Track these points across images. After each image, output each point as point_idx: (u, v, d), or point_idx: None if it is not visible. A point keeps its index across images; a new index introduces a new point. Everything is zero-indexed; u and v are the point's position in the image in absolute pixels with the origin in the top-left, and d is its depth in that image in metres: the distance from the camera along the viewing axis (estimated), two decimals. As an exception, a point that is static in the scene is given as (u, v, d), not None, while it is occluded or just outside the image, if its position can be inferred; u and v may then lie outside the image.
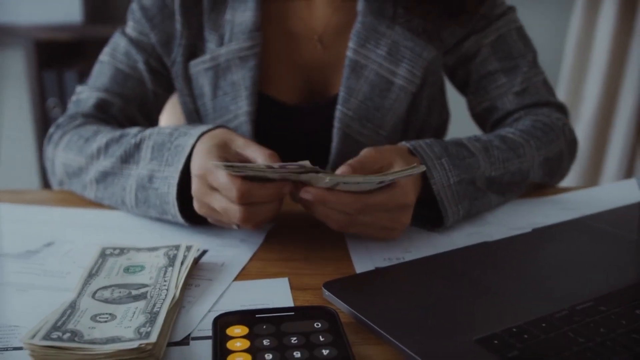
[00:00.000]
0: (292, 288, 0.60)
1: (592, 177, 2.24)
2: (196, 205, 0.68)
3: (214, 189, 0.65)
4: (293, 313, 0.52)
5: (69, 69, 2.05)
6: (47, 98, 2.05)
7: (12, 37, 2.05)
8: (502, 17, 0.92)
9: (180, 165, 0.70)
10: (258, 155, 0.65)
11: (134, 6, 0.95)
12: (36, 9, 1.98)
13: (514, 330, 0.49)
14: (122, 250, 0.65)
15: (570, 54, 2.18)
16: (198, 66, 0.92)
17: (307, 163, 0.60)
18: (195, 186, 0.67)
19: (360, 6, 0.88)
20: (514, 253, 0.66)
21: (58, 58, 2.10)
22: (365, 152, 0.67)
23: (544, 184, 0.89)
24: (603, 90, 2.16)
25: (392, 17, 0.88)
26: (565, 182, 0.93)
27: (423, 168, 0.63)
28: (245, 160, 0.67)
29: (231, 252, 0.68)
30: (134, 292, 0.56)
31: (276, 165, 0.60)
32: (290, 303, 0.57)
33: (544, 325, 0.50)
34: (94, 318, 0.51)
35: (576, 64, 2.20)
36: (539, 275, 0.60)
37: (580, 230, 0.72)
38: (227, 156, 0.66)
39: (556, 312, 0.52)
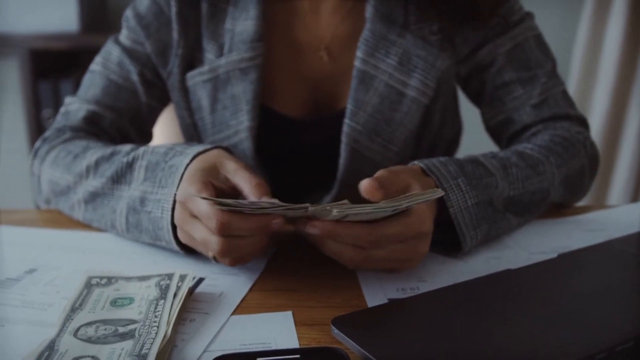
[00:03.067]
0: (296, 323, 0.54)
1: (600, 193, 2.18)
2: (180, 234, 0.63)
3: (195, 217, 0.59)
4: (299, 356, 0.46)
5: (65, 79, 2.00)
6: (42, 109, 2.00)
7: (6, 46, 2.00)
8: (519, 24, 0.86)
9: (174, 188, 0.64)
10: (244, 185, 0.60)
11: (129, 13, 0.89)
12: (32, 17, 1.93)
13: (549, 377, 0.43)
14: (110, 280, 0.59)
15: (578, 64, 2.13)
16: (195, 78, 0.86)
17: (276, 201, 0.55)
18: (177, 214, 0.62)
19: (368, 12, 0.83)
20: (541, 282, 0.60)
21: (54, 68, 2.05)
22: (381, 173, 0.61)
23: (565, 203, 0.83)
24: (612, 102, 2.11)
25: (403, 25, 0.83)
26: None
27: (441, 193, 0.57)
28: (234, 186, 0.61)
29: (229, 281, 0.62)
30: (120, 330, 0.51)
31: (246, 202, 0.55)
32: (294, 341, 0.51)
33: (581, 370, 0.44)
34: (74, 362, 0.46)
35: (584, 74, 2.15)
36: (570, 309, 0.54)
37: (611, 255, 0.66)
38: (215, 181, 0.61)
39: (594, 354, 0.46)
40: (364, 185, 0.57)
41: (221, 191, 0.61)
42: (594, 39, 2.11)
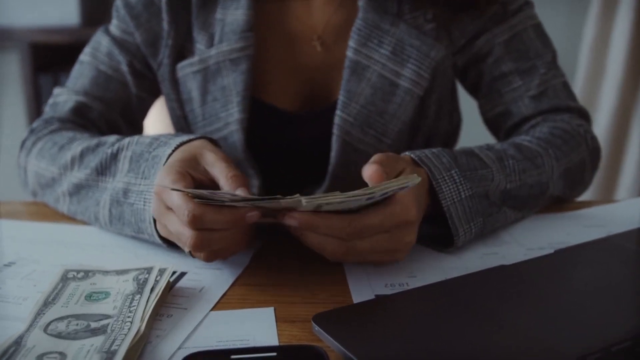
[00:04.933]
0: (277, 320, 0.52)
1: (608, 189, 2.15)
2: (158, 227, 0.60)
3: (170, 209, 0.57)
4: (275, 354, 0.44)
5: (65, 72, 1.97)
6: (42, 102, 1.98)
7: (7, 40, 1.99)
8: (518, 13, 0.83)
9: (156, 179, 0.62)
10: (221, 177, 0.58)
11: (119, 3, 0.87)
12: (32, 11, 1.91)
13: (539, 378, 0.41)
14: (87, 274, 0.57)
15: (585, 60, 2.09)
16: (186, 69, 0.84)
17: (241, 191, 0.54)
18: (154, 205, 0.59)
19: (361, 1, 0.80)
20: (536, 279, 0.57)
21: (54, 61, 2.03)
22: (380, 156, 0.59)
23: (564, 197, 0.80)
24: (619, 97, 2.07)
25: (396, 14, 0.80)
26: (581, 195, 0.85)
27: (418, 179, 0.54)
28: (212, 178, 0.59)
29: (212, 276, 0.60)
30: (93, 325, 0.49)
31: (218, 193, 0.52)
32: (274, 339, 0.49)
33: (574, 371, 0.42)
34: (40, 358, 0.44)
35: (591, 69, 2.11)
36: (565, 307, 0.52)
37: (610, 251, 0.63)
38: (194, 173, 0.59)
39: (588, 355, 0.44)
40: (369, 171, 0.55)
41: (200, 183, 0.59)
42: (601, 33, 2.07)
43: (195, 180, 0.58)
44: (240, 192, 0.55)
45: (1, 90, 2.16)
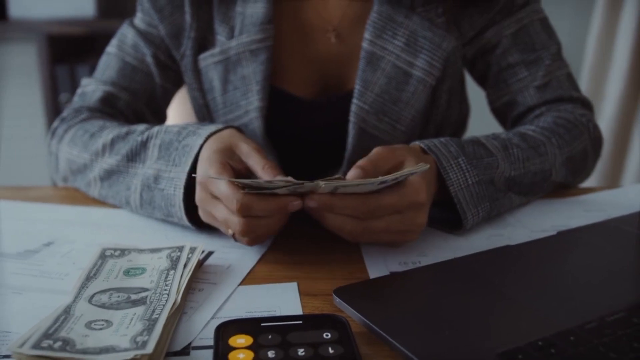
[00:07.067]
0: (301, 293, 0.56)
1: (614, 177, 2.18)
2: (201, 213, 0.65)
3: (216, 197, 0.61)
4: (301, 322, 0.48)
5: (81, 63, 2.03)
6: (59, 93, 2.03)
7: (24, 32, 2.03)
8: (525, 6, 0.87)
9: (187, 167, 0.67)
10: (257, 168, 0.62)
11: (143, -4, 0.91)
12: (49, 3, 1.95)
13: (540, 343, 0.45)
14: (123, 252, 0.62)
15: (592, 52, 2.12)
16: (207, 60, 0.88)
17: (289, 178, 0.58)
18: (198, 194, 0.64)
19: (375, -6, 0.84)
20: (538, 258, 0.62)
21: (71, 53, 2.08)
22: (375, 151, 0.64)
23: (567, 183, 0.84)
24: (625, 89, 2.10)
25: (409, 6, 0.84)
26: (586, 182, 0.89)
27: (427, 166, 0.59)
28: (247, 167, 0.64)
29: (238, 254, 0.65)
30: (133, 297, 0.53)
31: (262, 180, 0.58)
32: (298, 310, 0.54)
33: (572, 338, 0.46)
34: (88, 325, 0.48)
35: (597, 62, 2.14)
36: (565, 283, 0.56)
37: (609, 233, 0.67)
38: (231, 162, 0.63)
39: (585, 324, 0.48)
40: (353, 173, 0.60)
41: (236, 171, 0.64)
42: (608, 26, 2.09)
43: (234, 169, 0.63)
44: (279, 178, 0.59)
45: (19, 80, 2.20)
